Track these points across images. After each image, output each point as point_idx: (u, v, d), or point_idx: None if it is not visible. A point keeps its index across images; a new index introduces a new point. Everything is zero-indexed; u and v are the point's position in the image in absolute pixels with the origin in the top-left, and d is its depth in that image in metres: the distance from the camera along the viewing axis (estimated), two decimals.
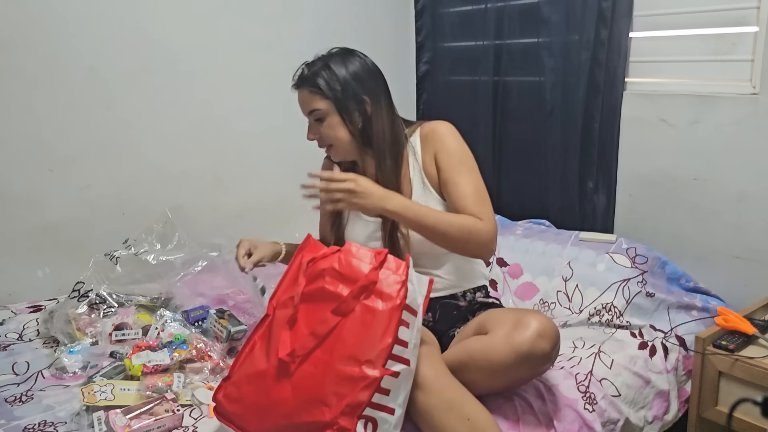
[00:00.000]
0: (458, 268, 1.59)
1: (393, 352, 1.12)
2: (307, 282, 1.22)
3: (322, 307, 1.18)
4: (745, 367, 1.50)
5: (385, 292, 1.16)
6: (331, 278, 1.20)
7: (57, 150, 2.01)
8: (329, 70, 1.50)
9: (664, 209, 2.08)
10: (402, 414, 1.16)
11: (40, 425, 1.35)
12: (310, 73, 1.51)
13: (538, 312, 1.32)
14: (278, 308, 1.25)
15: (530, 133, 2.37)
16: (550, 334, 1.27)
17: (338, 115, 1.51)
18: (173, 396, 1.38)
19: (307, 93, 1.52)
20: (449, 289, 1.59)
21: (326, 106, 1.50)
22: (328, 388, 1.11)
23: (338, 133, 1.52)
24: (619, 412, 1.52)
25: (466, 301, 1.60)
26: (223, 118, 2.33)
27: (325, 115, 1.50)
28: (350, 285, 1.18)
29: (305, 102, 1.53)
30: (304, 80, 1.52)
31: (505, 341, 1.26)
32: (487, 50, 2.44)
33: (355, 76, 1.50)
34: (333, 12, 2.54)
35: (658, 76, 2.07)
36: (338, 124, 1.51)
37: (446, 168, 1.50)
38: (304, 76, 1.53)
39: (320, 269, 1.22)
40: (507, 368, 1.27)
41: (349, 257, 1.22)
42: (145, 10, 2.11)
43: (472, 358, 1.30)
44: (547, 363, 1.32)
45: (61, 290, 1.92)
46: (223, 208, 2.33)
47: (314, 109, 1.51)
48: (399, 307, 1.14)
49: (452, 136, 1.53)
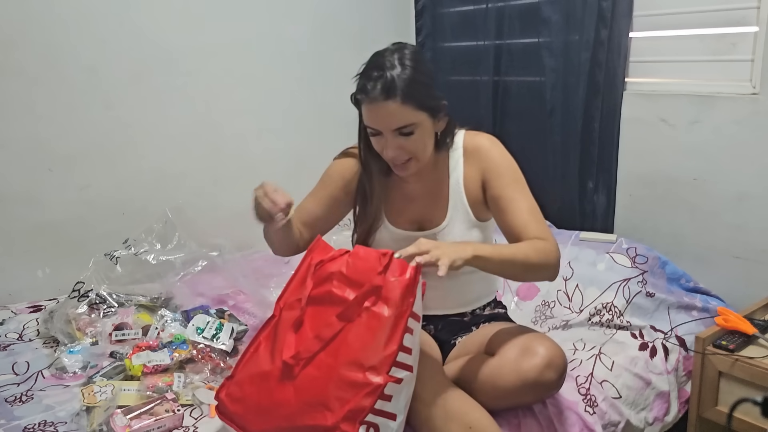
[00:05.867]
0: (473, 290, 1.54)
1: (397, 359, 1.11)
2: (315, 285, 1.21)
3: (328, 311, 1.17)
4: (745, 367, 1.50)
5: (392, 298, 1.13)
6: (339, 282, 1.19)
7: (57, 150, 2.01)
8: (418, 73, 1.28)
9: (664, 209, 2.08)
10: (403, 419, 1.16)
11: (40, 425, 1.34)
12: (400, 81, 1.25)
13: (546, 337, 1.30)
14: (285, 309, 1.24)
15: (530, 133, 2.37)
16: (558, 364, 1.24)
17: (430, 126, 1.33)
18: (173, 396, 1.38)
19: (396, 106, 1.26)
20: (459, 307, 1.54)
21: (420, 118, 1.29)
22: (331, 392, 1.10)
23: (428, 145, 1.35)
24: (619, 414, 1.52)
25: (472, 314, 1.56)
26: (222, 118, 2.33)
27: (417, 128, 1.30)
28: (357, 290, 1.16)
29: (393, 116, 1.27)
30: (391, 90, 1.25)
31: (512, 368, 1.24)
32: (487, 50, 2.44)
33: (433, 77, 1.33)
34: (333, 12, 2.54)
35: (658, 76, 2.07)
36: (429, 135, 1.34)
37: (499, 184, 1.38)
38: (393, 86, 1.25)
39: (328, 272, 1.21)
40: (512, 394, 1.26)
41: (357, 261, 1.19)
42: (145, 11, 2.11)
43: (477, 381, 1.28)
44: (552, 391, 1.30)
45: (61, 290, 1.92)
46: (223, 208, 2.33)
47: (407, 124, 1.29)
48: (405, 315, 1.12)
49: (503, 153, 1.42)
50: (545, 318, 1.89)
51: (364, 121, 1.34)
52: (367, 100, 1.28)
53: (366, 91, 1.27)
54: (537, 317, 1.91)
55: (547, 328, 1.85)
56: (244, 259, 2.15)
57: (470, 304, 1.55)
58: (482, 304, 1.57)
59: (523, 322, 1.70)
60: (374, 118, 1.30)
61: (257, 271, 2.09)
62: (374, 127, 1.31)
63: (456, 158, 1.45)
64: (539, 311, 1.92)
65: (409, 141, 1.31)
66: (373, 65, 1.30)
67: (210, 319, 1.66)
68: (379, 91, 1.25)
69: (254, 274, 2.05)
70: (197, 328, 1.62)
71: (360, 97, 1.30)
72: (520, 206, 1.35)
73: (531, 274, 1.32)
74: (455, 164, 1.45)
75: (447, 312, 1.53)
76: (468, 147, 1.45)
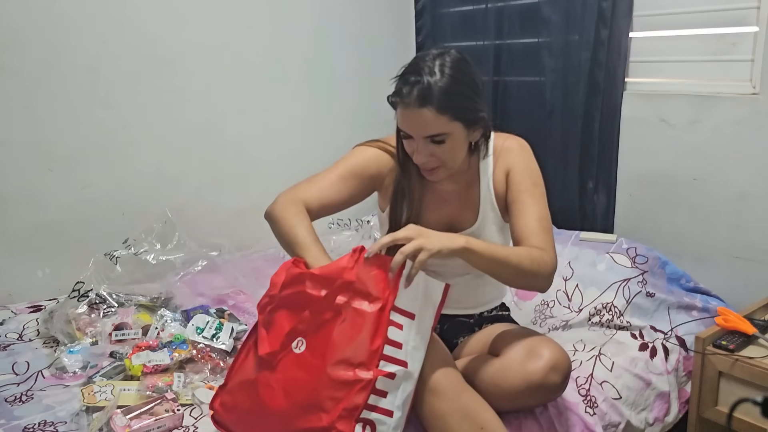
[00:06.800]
0: (486, 292, 1.55)
1: (385, 353, 1.11)
2: (287, 286, 1.22)
3: (302, 310, 1.18)
4: (745, 367, 1.50)
5: (372, 293, 1.14)
6: (312, 282, 1.19)
7: (56, 150, 2.01)
8: (458, 84, 1.25)
9: (664, 209, 2.08)
10: (402, 417, 1.16)
11: (40, 425, 1.34)
12: (437, 90, 1.23)
13: (551, 340, 1.29)
14: (260, 313, 1.25)
15: (530, 133, 2.32)
16: (563, 367, 1.24)
17: (464, 136, 1.31)
18: (173, 396, 1.38)
19: (431, 114, 1.23)
20: (471, 309, 1.55)
21: (453, 128, 1.27)
22: (322, 393, 1.11)
23: (458, 155, 1.33)
24: (620, 414, 1.52)
25: (479, 316, 1.56)
26: (222, 118, 2.33)
27: (449, 137, 1.28)
28: (329, 287, 1.17)
29: (427, 123, 1.25)
30: (427, 98, 1.23)
31: (517, 370, 1.24)
32: (487, 50, 2.44)
33: (476, 88, 1.29)
34: (333, 12, 2.54)
35: (658, 76, 2.07)
36: (461, 145, 1.32)
37: (518, 188, 1.37)
38: (429, 93, 1.23)
39: (299, 273, 1.22)
40: (515, 396, 1.25)
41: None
42: (145, 11, 2.11)
43: (481, 381, 1.28)
44: (557, 394, 1.30)
45: (61, 290, 1.92)
46: (223, 208, 2.34)
47: (439, 133, 1.27)
48: (385, 308, 1.13)
49: (529, 159, 1.42)
50: (545, 318, 1.89)
51: (398, 123, 1.32)
52: (401, 105, 1.26)
53: (401, 95, 1.25)
54: (536, 317, 1.90)
55: (546, 329, 1.85)
56: (244, 259, 2.15)
57: (481, 306, 1.56)
58: (491, 307, 1.58)
59: (522, 322, 1.70)
60: (407, 123, 1.28)
61: (257, 271, 2.09)
62: (406, 131, 1.30)
63: (488, 161, 1.45)
64: (539, 311, 1.92)
65: (440, 149, 1.29)
66: (412, 69, 1.27)
67: (210, 319, 1.66)
68: (415, 97, 1.23)
69: (254, 274, 2.05)
70: (197, 327, 1.62)
71: (395, 100, 1.27)
72: (530, 213, 1.34)
73: (521, 280, 1.30)
74: (487, 167, 1.44)
75: (458, 312, 1.53)
76: (498, 149, 1.44)
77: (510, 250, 1.28)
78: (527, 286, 1.35)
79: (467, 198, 1.46)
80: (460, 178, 1.45)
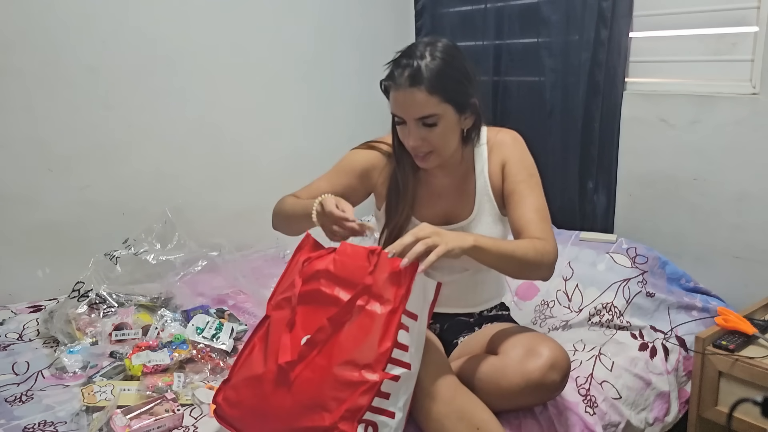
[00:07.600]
0: (485, 291, 1.55)
1: (392, 356, 1.11)
2: (303, 282, 1.21)
3: (318, 310, 1.17)
4: (745, 367, 1.50)
5: (384, 296, 1.13)
6: (327, 280, 1.19)
7: (56, 150, 2.01)
8: (449, 67, 1.28)
9: (664, 209, 2.08)
10: (403, 418, 1.16)
11: (40, 425, 1.34)
12: (428, 71, 1.25)
13: (550, 339, 1.30)
14: (275, 309, 1.24)
15: (530, 133, 2.33)
16: (562, 365, 1.24)
17: (455, 121, 1.33)
18: (173, 396, 1.38)
19: (422, 94, 1.26)
20: (470, 307, 1.55)
21: (444, 111, 1.30)
22: (327, 393, 1.10)
23: (450, 140, 1.35)
24: (620, 414, 1.52)
25: (479, 315, 1.56)
26: (222, 118, 2.33)
27: (440, 120, 1.30)
28: (345, 288, 1.16)
29: (418, 104, 1.27)
30: (418, 78, 1.26)
31: (516, 368, 1.24)
32: (487, 50, 2.44)
33: (466, 73, 1.32)
34: (333, 12, 2.54)
35: (658, 76, 2.07)
36: (452, 130, 1.34)
37: (514, 179, 1.40)
38: (419, 74, 1.25)
39: (315, 270, 1.21)
40: (515, 394, 1.25)
41: (345, 258, 1.19)
42: (145, 11, 2.11)
43: (480, 380, 1.28)
44: (556, 392, 1.30)
45: (61, 290, 1.92)
46: (222, 208, 2.33)
47: (430, 114, 1.29)
48: (398, 312, 1.12)
49: (523, 150, 1.45)
50: (545, 318, 1.89)
51: (391, 108, 1.34)
52: (393, 87, 1.29)
53: (393, 78, 1.28)
54: (536, 317, 1.90)
55: (546, 329, 1.84)
56: (244, 259, 2.15)
57: (480, 305, 1.56)
58: (491, 306, 1.58)
59: (522, 322, 1.70)
60: (399, 106, 1.31)
61: (257, 271, 2.09)
62: (398, 115, 1.32)
63: (481, 153, 1.46)
64: (538, 311, 1.92)
65: (431, 133, 1.31)
66: (404, 54, 1.31)
67: (210, 319, 1.66)
68: (406, 78, 1.26)
69: (254, 273, 2.05)
70: (197, 327, 1.62)
71: (387, 83, 1.31)
72: (528, 204, 1.36)
73: (526, 271, 1.32)
74: (481, 159, 1.46)
75: (457, 311, 1.54)
76: (492, 142, 1.47)
77: (514, 244, 1.29)
78: (531, 277, 1.38)
79: (463, 190, 1.47)
80: (454, 171, 1.46)
